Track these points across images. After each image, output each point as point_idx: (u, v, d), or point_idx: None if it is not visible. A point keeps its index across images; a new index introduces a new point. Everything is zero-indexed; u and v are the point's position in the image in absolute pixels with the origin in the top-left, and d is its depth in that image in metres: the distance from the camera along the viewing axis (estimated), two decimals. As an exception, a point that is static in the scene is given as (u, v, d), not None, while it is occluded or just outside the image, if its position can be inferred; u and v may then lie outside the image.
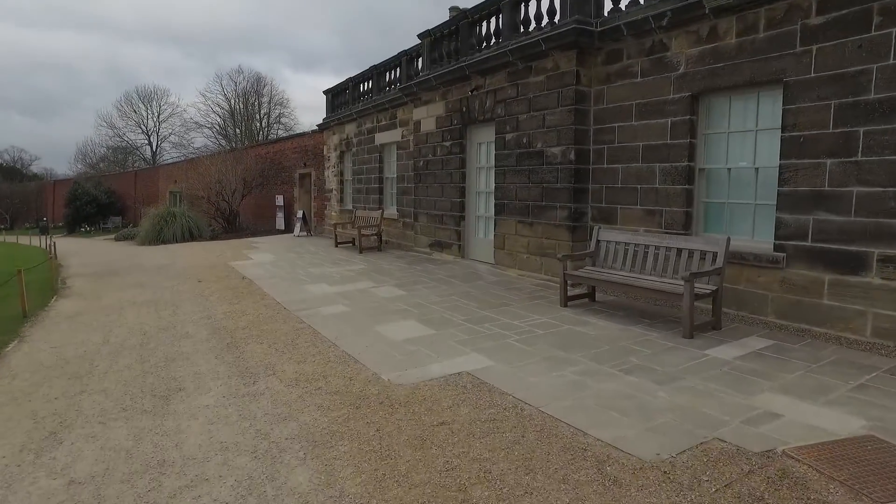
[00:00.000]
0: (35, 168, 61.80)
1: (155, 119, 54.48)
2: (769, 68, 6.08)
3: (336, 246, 14.51)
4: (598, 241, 7.36)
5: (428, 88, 11.62)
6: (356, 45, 68.32)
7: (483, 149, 10.56)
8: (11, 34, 72.84)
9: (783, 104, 5.98)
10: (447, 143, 11.23)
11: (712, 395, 4.14)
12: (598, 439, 3.46)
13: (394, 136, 13.96)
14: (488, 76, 9.92)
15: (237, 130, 49.68)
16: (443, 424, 3.69)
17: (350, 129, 16.58)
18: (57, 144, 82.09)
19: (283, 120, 50.44)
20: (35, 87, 76.18)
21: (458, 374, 4.72)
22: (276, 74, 73.24)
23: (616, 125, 7.96)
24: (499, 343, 5.59)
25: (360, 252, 12.90)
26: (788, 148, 5.94)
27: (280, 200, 22.01)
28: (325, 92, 18.49)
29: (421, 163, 12.14)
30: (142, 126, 54.24)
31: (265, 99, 51.96)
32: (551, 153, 8.62)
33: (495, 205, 9.89)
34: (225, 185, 22.39)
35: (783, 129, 5.99)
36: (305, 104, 64.76)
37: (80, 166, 53.36)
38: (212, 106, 51.91)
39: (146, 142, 54.70)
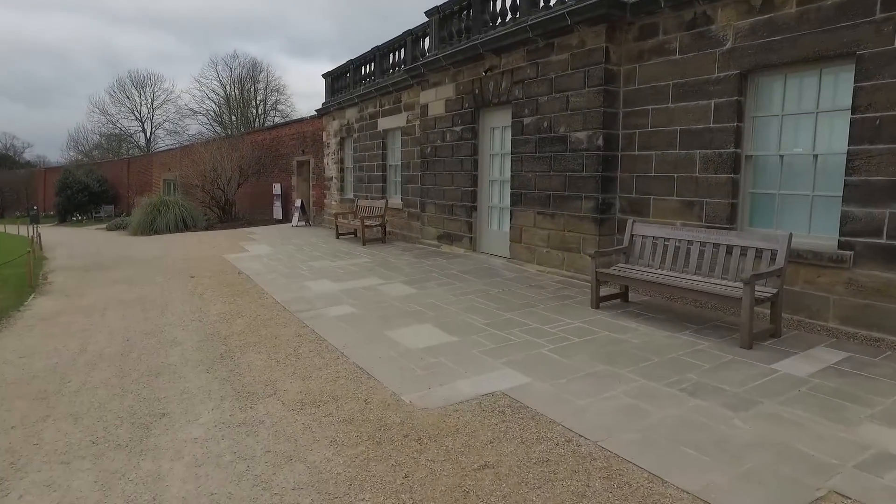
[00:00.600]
0: (28, 155, 60.56)
1: (149, 106, 53.32)
2: (838, 40, 5.33)
3: (337, 237, 13.77)
4: (632, 236, 6.65)
5: (436, 69, 10.83)
6: (354, 31, 67.07)
7: (497, 134, 9.80)
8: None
9: (855, 81, 5.24)
10: (457, 128, 10.47)
11: (802, 425, 3.45)
12: (682, 490, 2.78)
13: (398, 121, 13.18)
14: (504, 55, 9.14)
15: (233, 118, 48.64)
16: (486, 468, 3.00)
17: (351, 114, 15.77)
18: (50, 131, 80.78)
19: (279, 107, 49.40)
20: (26, 73, 74.71)
21: (492, 394, 4.02)
22: (272, 61, 71.95)
23: (650, 108, 7.22)
24: (531, 354, 4.90)
25: (364, 244, 12.17)
26: (860, 132, 5.22)
27: (277, 189, 21.22)
28: (325, 75, 17.65)
29: (429, 149, 11.38)
30: (135, 113, 53.09)
31: (261, 85, 50.89)
32: (576, 138, 7.88)
33: (511, 194, 9.16)
34: (220, 173, 21.58)
35: (854, 109, 5.26)
36: (302, 92, 63.65)
37: (72, 154, 52.30)
38: (206, 92, 50.72)
39: (140, 129, 53.58)
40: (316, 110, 18.24)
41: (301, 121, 20.12)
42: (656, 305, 6.51)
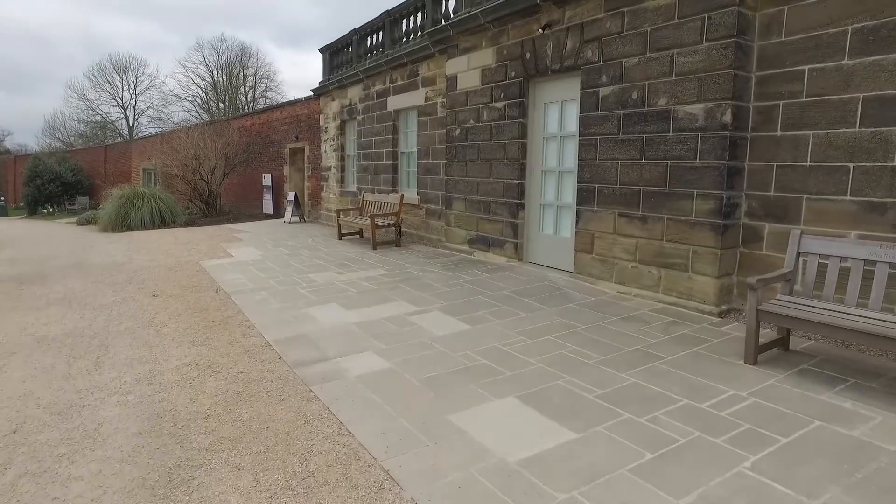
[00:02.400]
0: (8, 143, 57.27)
1: (131, 91, 50.46)
2: None
3: (339, 238, 11.50)
4: (798, 254, 4.49)
5: (470, 31, 8.58)
6: (344, 19, 64.10)
7: (554, 111, 7.59)
8: (-26, -2, 67.44)
9: None
10: (499, 105, 8.24)
11: None
12: None
13: (414, 98, 10.91)
14: (570, 5, 6.92)
15: (220, 105, 46.01)
16: None
17: (354, 92, 13.47)
18: (32, 119, 77.13)
19: (269, 94, 46.80)
20: (6, 58, 71.01)
21: None
22: (261, 49, 68.98)
23: (805, 68, 5.03)
24: (730, 478, 2.72)
25: (374, 248, 9.92)
26: None
27: (267, 180, 18.88)
28: (323, 49, 15.31)
29: (457, 132, 9.14)
30: (117, 99, 50.21)
31: (250, 71, 48.33)
32: (685, 114, 5.69)
33: (578, 190, 6.96)
34: (203, 162, 19.18)
35: None
36: (292, 82, 60.68)
37: (48, 141, 49.34)
38: (192, 77, 48.03)
39: (122, 116, 50.73)
40: (312, 90, 15.90)
41: (294, 103, 17.75)
42: (836, 357, 4.36)
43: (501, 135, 8.21)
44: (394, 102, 11.70)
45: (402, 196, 10.35)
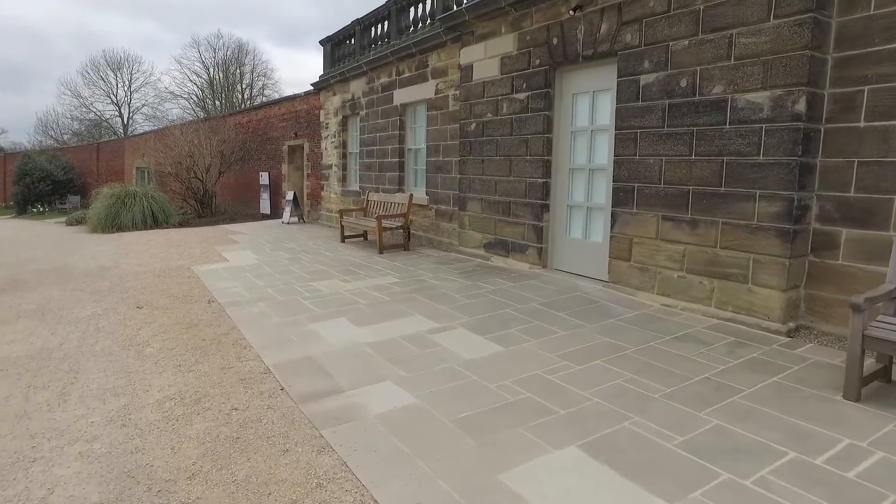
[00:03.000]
0: (2, 142, 56.19)
1: (126, 88, 49.55)
2: None
3: (343, 241, 10.75)
4: (904, 267, 3.76)
5: (489, 15, 7.84)
6: (340, 18, 63.22)
7: (583, 102, 6.86)
8: (-33, -7, 66.27)
9: None
10: (521, 96, 7.50)
11: None
12: None
13: (423, 91, 10.17)
14: (606, -17, 6.20)
15: (217, 103, 45.18)
16: None
17: (357, 86, 12.71)
18: (28, 117, 75.80)
19: (266, 92, 45.97)
20: (1, 56, 69.89)
21: None
22: (258, 46, 67.85)
23: (896, 47, 4.32)
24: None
25: (381, 252, 9.18)
26: None
27: (265, 179, 18.10)
28: (324, 41, 14.55)
29: (472, 126, 8.40)
30: (111, 96, 49.30)
31: (247, 68, 47.55)
32: (746, 103, 4.96)
33: (614, 189, 6.23)
34: (198, 160, 18.41)
35: None
36: (288, 80, 59.51)
37: (40, 139, 48.36)
38: (188, 74, 47.19)
39: (116, 113, 49.82)
40: (312, 84, 15.14)
41: (293, 98, 16.97)
42: (951, 392, 3.63)
43: (524, 129, 7.47)
44: (400, 96, 10.95)
45: (412, 196, 9.60)
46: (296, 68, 62.92)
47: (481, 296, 6.14)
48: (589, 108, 6.80)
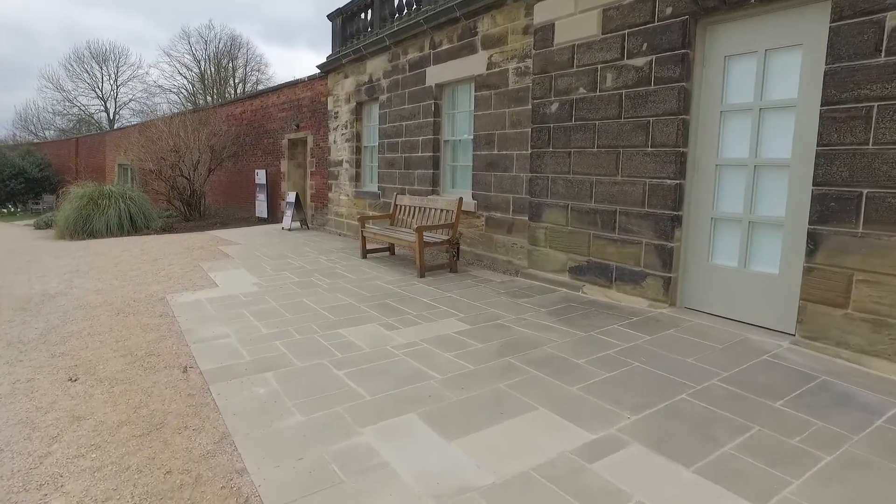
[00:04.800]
0: (-15, 138, 53.17)
1: (112, 82, 46.90)
2: None
3: (364, 256, 8.48)
4: None
5: (585, -50, 5.63)
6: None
7: (748, 67, 4.65)
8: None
9: None
10: (637, 62, 5.28)
11: None
12: None
13: (469, 66, 7.94)
14: None
15: (208, 98, 42.69)
16: None
17: (376, 65, 10.46)
18: (7, 113, 72.66)
19: (261, 87, 43.51)
20: (-19, 50, 66.58)
21: None
22: (251, 41, 65.35)
23: None
24: None
25: (422, 275, 6.92)
26: None
27: (261, 177, 15.80)
28: (332, 15, 12.26)
29: (553, 107, 6.19)
30: (96, 90, 46.62)
31: (240, 62, 45.15)
32: None
33: (818, 196, 4.02)
34: (184, 155, 16.10)
35: None
36: (281, 77, 56.98)
37: (19, 134, 45.56)
38: (178, 67, 44.69)
39: (101, 108, 47.14)
40: (318, 66, 12.85)
41: (295, 84, 14.66)
42: None
43: (642, 108, 5.25)
44: (436, 74, 8.71)
45: (461, 201, 7.31)
46: (288, 67, 60.53)
47: (617, 362, 3.91)
48: (755, 76, 4.59)
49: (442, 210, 7.52)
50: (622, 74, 5.42)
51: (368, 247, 8.59)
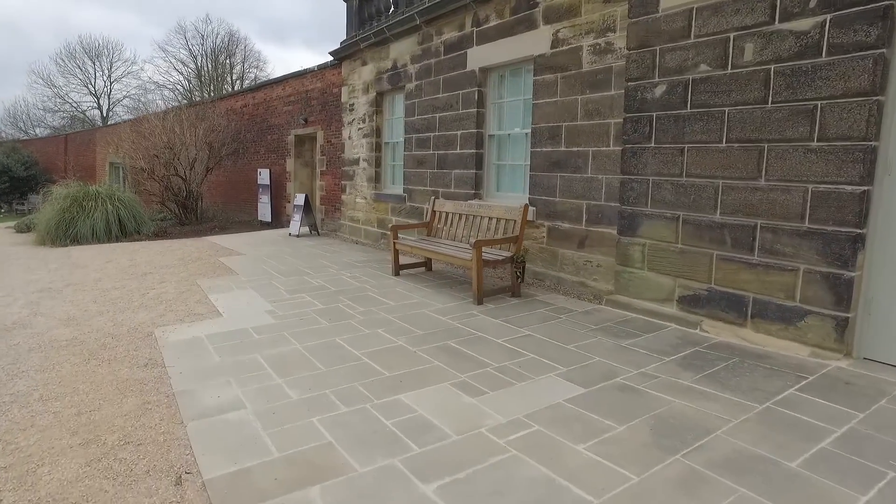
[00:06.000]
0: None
1: (105, 78, 45.31)
2: None
3: (396, 273, 7.06)
4: None
5: None
6: (329, 13, 59.26)
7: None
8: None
9: None
10: (798, 26, 3.91)
11: None
12: None
13: (525, 45, 6.57)
14: None
15: (205, 94, 41.21)
16: None
17: (402, 49, 9.07)
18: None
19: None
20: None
21: None
22: (249, 36, 63.74)
23: None
24: None
25: (479, 301, 5.50)
26: None
27: (264, 177, 14.37)
28: (349, -5, 10.85)
29: (657, 91, 4.81)
30: (89, 86, 44.99)
31: (238, 58, 43.70)
32: None
33: None
34: (179, 153, 14.64)
35: None
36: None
37: (8, 131, 43.87)
38: (174, 63, 43.16)
39: (94, 105, 45.50)
40: (331, 53, 11.43)
41: (302, 74, 13.22)
42: None
43: (804, 89, 3.87)
44: (480, 56, 7.33)
45: (526, 208, 5.89)
46: (285, 66, 58.97)
47: (849, 466, 2.52)
48: None
49: (498, 219, 6.11)
50: (771, 43, 4.03)
51: (402, 262, 7.17)
